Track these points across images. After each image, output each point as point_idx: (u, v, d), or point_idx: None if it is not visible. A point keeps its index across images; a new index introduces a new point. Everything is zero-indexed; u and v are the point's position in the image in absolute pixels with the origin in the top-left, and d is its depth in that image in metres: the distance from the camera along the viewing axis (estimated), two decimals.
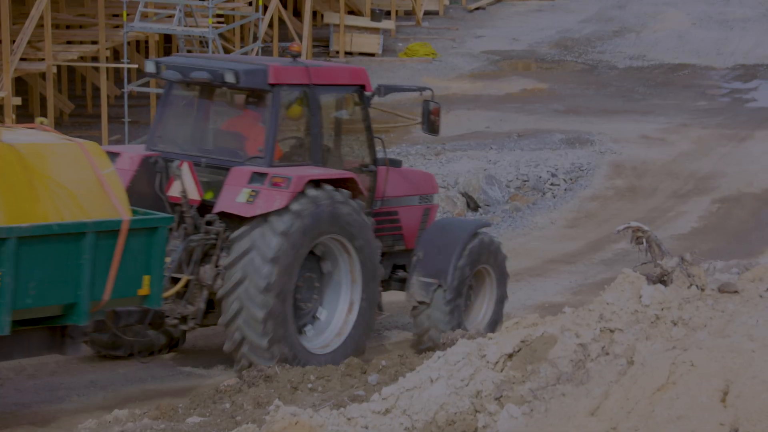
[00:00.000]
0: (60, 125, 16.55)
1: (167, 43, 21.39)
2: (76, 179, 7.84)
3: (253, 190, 8.56)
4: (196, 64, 9.08)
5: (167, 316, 8.86)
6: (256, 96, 9.07)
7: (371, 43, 23.08)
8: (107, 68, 16.87)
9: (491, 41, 25.67)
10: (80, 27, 18.52)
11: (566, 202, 15.44)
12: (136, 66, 18.23)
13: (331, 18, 23.80)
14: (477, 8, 28.39)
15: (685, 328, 6.92)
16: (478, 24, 27.22)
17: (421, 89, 10.02)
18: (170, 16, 16.54)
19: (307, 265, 8.86)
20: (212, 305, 8.90)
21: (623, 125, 19.16)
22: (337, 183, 8.94)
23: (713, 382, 6.06)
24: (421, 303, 9.55)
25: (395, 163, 9.99)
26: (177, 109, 9.42)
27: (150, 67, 9.28)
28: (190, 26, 16.33)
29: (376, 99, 9.58)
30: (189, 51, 16.76)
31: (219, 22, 17.94)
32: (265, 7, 19.72)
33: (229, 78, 8.79)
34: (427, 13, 27.08)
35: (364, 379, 8.46)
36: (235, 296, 8.57)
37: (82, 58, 16.92)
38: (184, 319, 8.88)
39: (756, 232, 14.48)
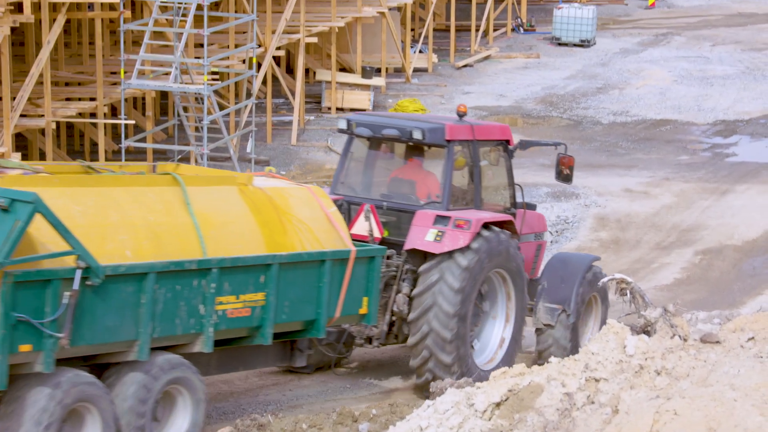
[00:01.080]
0: None
1: (163, 99, 21.71)
2: (310, 216, 9.09)
3: (439, 231, 9.94)
4: (384, 123, 10.51)
5: (355, 337, 10.19)
6: (433, 150, 10.47)
7: (362, 99, 23.51)
8: (105, 124, 17.07)
9: (479, 97, 26.12)
10: (79, 84, 18.75)
11: (552, 255, 15.69)
12: (133, 122, 18.50)
13: (323, 75, 24.24)
14: (465, 65, 28.92)
15: (668, 377, 7.08)
16: (465, 81, 27.71)
17: (556, 144, 11.44)
18: (166, 74, 16.83)
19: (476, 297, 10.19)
20: (391, 328, 10.24)
21: (607, 179, 19.48)
22: (499, 224, 10.35)
23: (696, 430, 6.19)
24: (546, 325, 10.85)
25: (531, 207, 11.35)
26: (357, 159, 10.75)
27: (342, 124, 10.65)
28: (186, 83, 16.66)
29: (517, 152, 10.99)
30: (185, 108, 17.15)
31: (214, 80, 18.29)
32: (259, 65, 20.10)
33: (417, 135, 10.24)
34: (416, 70, 27.56)
35: (355, 427, 8.66)
36: (425, 320, 9.92)
37: (80, 115, 17.18)
38: (369, 340, 10.30)
39: (737, 283, 14.71)
